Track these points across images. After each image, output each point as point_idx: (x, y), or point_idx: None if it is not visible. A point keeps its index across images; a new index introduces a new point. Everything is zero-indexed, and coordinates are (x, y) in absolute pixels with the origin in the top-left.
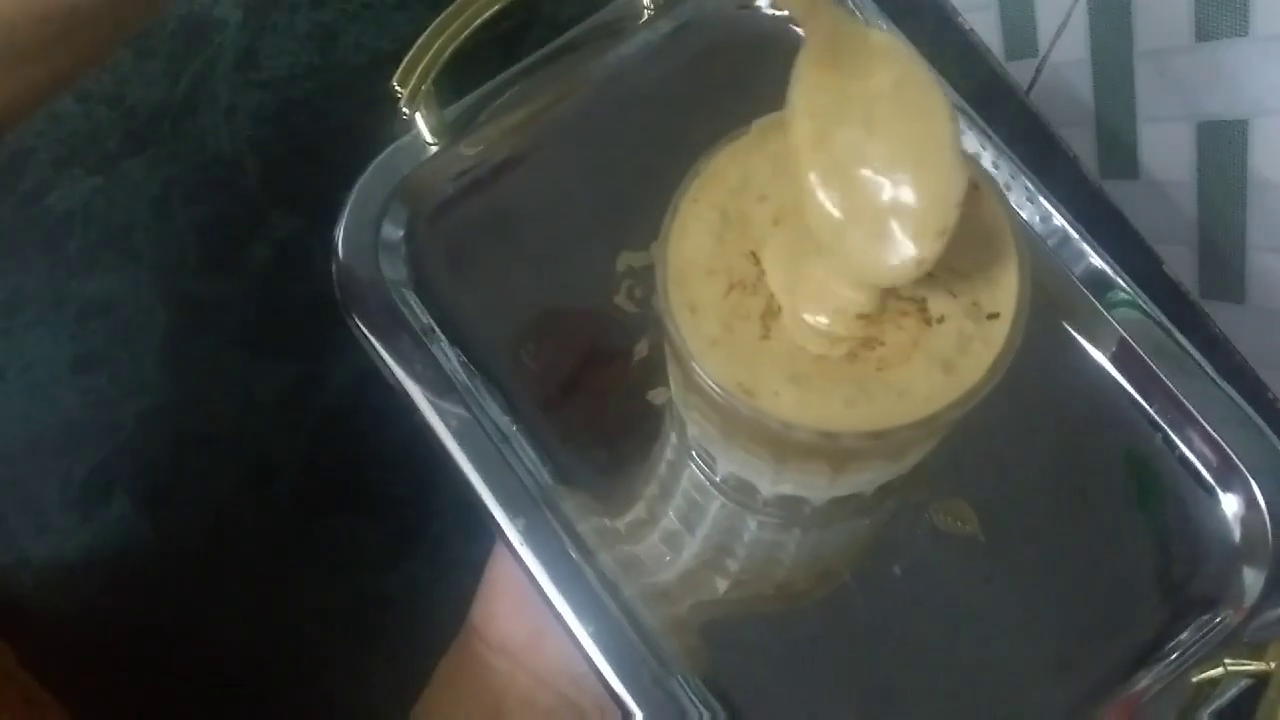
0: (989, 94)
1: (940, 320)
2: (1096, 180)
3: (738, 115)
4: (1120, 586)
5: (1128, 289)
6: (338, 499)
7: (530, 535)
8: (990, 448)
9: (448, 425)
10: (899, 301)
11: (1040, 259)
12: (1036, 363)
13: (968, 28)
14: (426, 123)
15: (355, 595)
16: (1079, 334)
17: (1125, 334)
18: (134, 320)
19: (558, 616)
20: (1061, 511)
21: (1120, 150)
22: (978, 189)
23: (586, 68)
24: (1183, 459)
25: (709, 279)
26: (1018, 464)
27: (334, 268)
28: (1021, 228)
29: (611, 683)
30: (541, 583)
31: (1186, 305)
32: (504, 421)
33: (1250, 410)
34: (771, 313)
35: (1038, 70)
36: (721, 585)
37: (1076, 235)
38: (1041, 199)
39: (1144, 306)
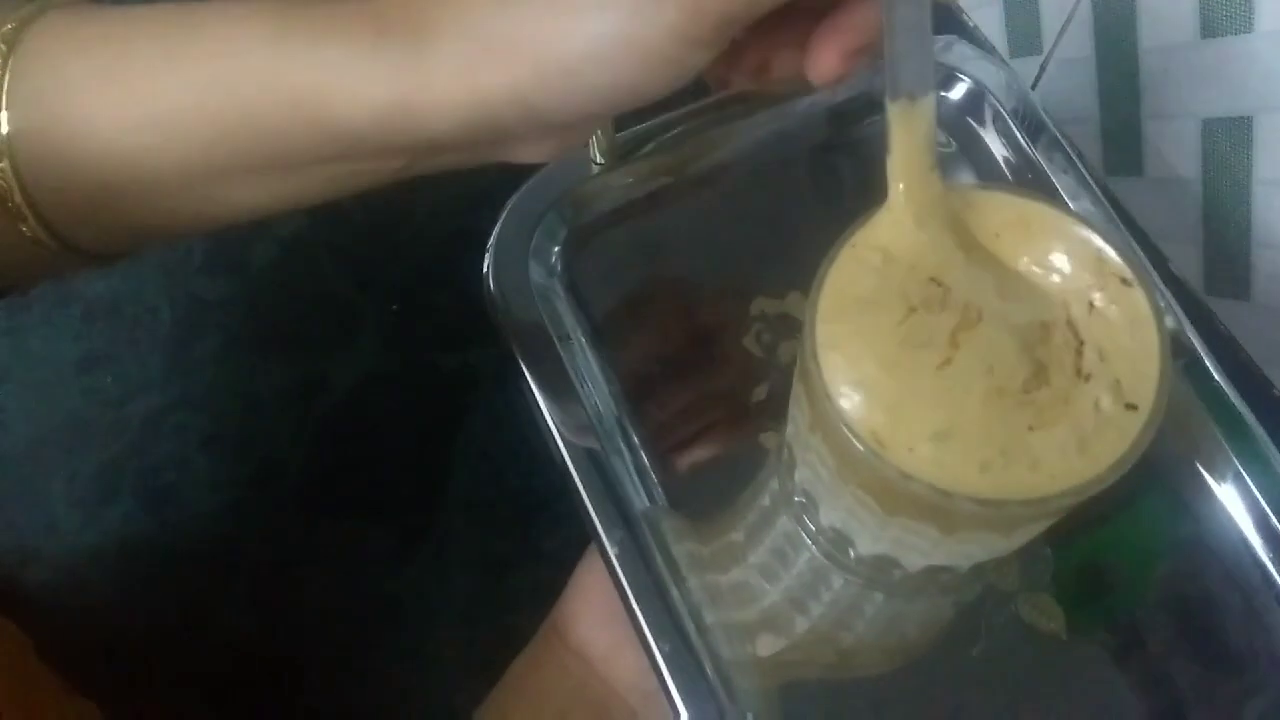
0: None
1: (1088, 379)
2: (1101, 177)
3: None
4: (1194, 707)
5: (1253, 425)
6: (343, 498)
7: (625, 549)
8: (1090, 548)
9: (565, 432)
10: (1064, 328)
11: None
12: (1155, 479)
13: (972, 25)
14: (599, 143)
15: (360, 594)
16: (1196, 460)
17: (1241, 468)
18: (139, 320)
19: (638, 631)
20: (1151, 626)
21: (1125, 147)
22: (1129, 285)
23: (756, 118)
24: (1276, 591)
25: (869, 310)
26: (1114, 572)
27: (486, 265)
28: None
29: (678, 705)
30: (628, 596)
31: (1192, 303)
32: (622, 437)
33: None
34: (967, 324)
35: (1042, 67)
36: (783, 642)
37: (1201, 354)
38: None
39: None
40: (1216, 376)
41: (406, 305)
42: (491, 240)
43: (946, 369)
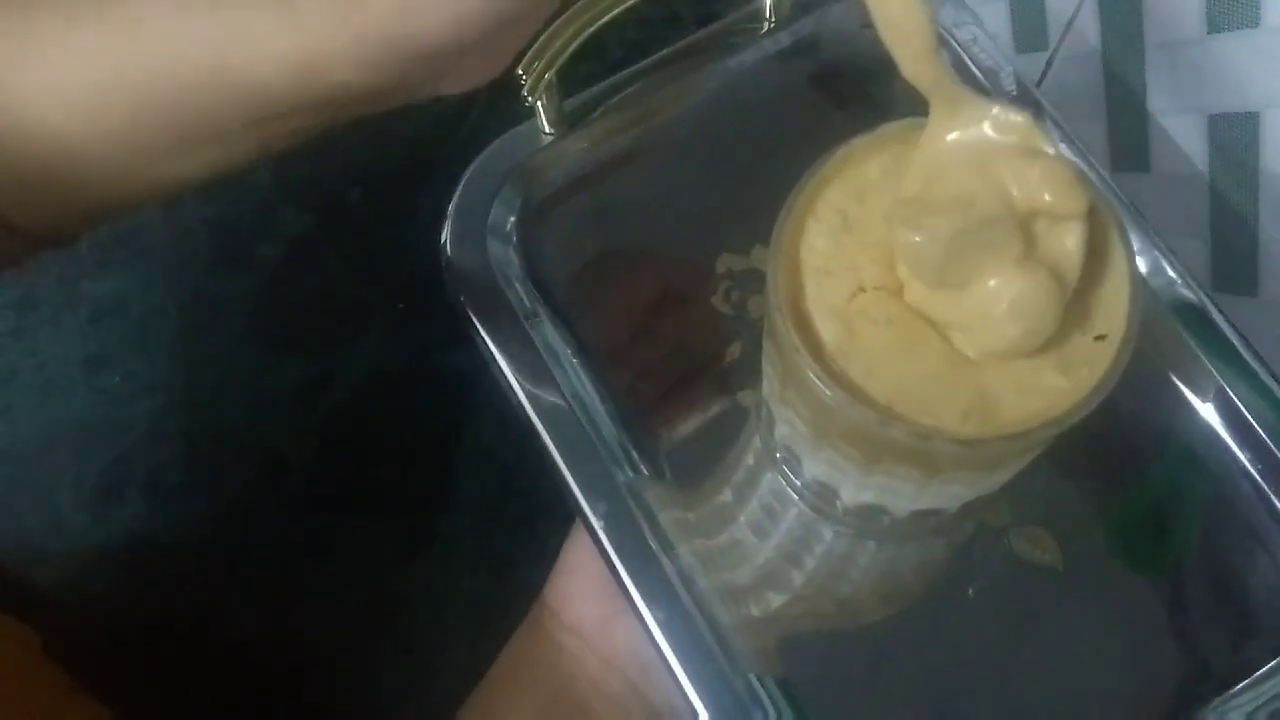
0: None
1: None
2: (1108, 174)
3: (851, 132)
4: (1197, 628)
5: (1233, 337)
6: (349, 497)
7: (610, 521)
8: (1077, 478)
9: (539, 407)
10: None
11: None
12: (1133, 397)
13: (977, 21)
14: (545, 113)
15: (367, 592)
16: (1176, 377)
17: (1222, 382)
18: (146, 319)
19: (630, 602)
20: (1146, 550)
21: (1131, 143)
22: (1095, 213)
23: (705, 72)
24: (1270, 509)
25: (826, 278)
26: (1103, 497)
27: (443, 245)
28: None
29: (676, 671)
30: (618, 568)
31: (1200, 299)
32: (596, 409)
33: None
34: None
35: (1048, 63)
36: (784, 596)
37: (1179, 276)
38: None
39: (1243, 354)
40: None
41: (412, 303)
42: (446, 227)
43: (914, 320)
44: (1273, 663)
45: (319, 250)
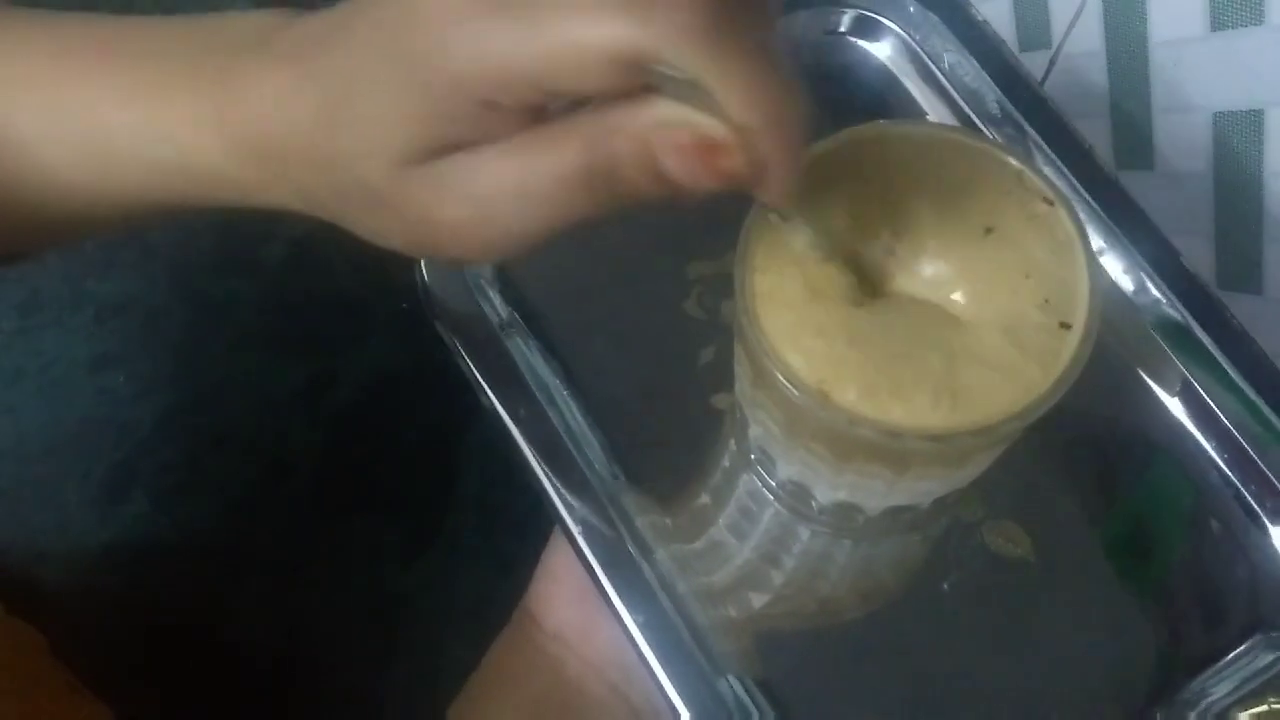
0: (1003, 86)
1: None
2: (1113, 172)
3: (816, 135)
4: (1170, 619)
5: (1199, 333)
6: (353, 496)
7: (590, 527)
8: (1048, 471)
9: (516, 416)
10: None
11: (1110, 292)
12: (1099, 389)
13: (980, 19)
14: None
15: (371, 591)
16: (1142, 371)
17: (1188, 374)
18: (151, 320)
19: (611, 607)
20: (1116, 542)
21: (1136, 141)
22: (1052, 205)
23: None
24: (1238, 495)
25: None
26: (1072, 490)
27: (419, 264)
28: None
29: (658, 674)
30: (597, 573)
31: (1204, 297)
32: (571, 416)
33: None
34: (891, 275)
35: (1051, 62)
36: (765, 597)
37: (1149, 279)
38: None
39: (1210, 350)
40: (1229, 370)
41: (417, 303)
42: None
43: (879, 314)
44: (1240, 648)
45: (322, 251)
